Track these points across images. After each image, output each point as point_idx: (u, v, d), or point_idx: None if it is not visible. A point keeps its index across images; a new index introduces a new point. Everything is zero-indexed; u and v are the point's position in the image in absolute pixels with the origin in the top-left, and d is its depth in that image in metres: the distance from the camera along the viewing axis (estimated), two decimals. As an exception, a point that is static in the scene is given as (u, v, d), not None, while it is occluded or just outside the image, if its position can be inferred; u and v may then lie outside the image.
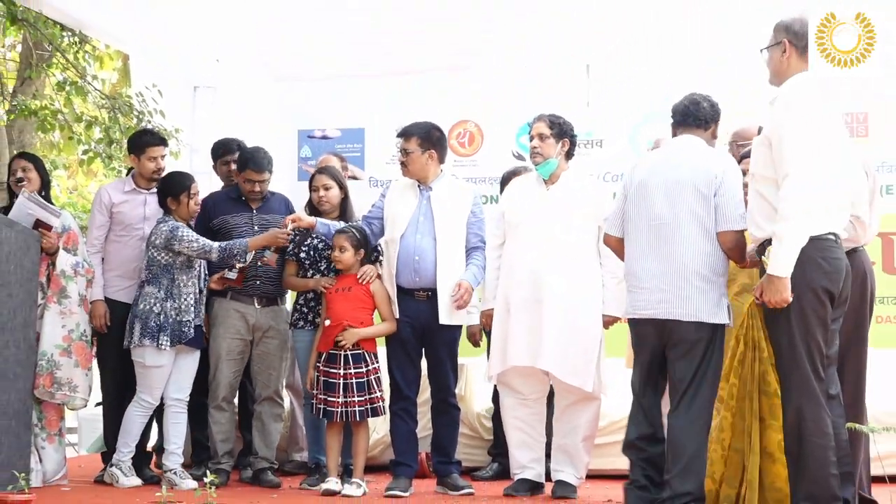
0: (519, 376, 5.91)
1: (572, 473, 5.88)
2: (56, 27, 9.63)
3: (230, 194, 6.57)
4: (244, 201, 6.50)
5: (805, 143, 4.07)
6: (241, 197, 6.51)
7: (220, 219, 6.43)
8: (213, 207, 6.50)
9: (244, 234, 6.34)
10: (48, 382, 5.98)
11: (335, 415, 5.83)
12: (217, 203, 6.53)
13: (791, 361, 4.11)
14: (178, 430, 6.25)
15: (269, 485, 6.21)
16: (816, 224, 4.08)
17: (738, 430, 4.78)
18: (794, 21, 4.31)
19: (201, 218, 6.44)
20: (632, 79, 8.09)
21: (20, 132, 11.97)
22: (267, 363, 6.45)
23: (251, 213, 6.48)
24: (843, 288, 4.18)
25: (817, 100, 4.19)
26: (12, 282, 5.64)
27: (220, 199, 6.59)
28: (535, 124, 6.01)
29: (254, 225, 6.44)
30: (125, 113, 9.70)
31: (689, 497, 4.56)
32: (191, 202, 6.26)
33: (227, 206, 6.49)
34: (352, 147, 8.38)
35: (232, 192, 6.59)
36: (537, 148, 5.95)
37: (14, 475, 4.90)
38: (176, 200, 6.24)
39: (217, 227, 6.42)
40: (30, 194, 6.09)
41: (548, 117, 6.00)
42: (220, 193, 6.67)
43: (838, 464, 4.10)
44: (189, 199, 6.25)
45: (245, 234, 6.34)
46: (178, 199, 6.24)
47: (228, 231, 6.39)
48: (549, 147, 5.95)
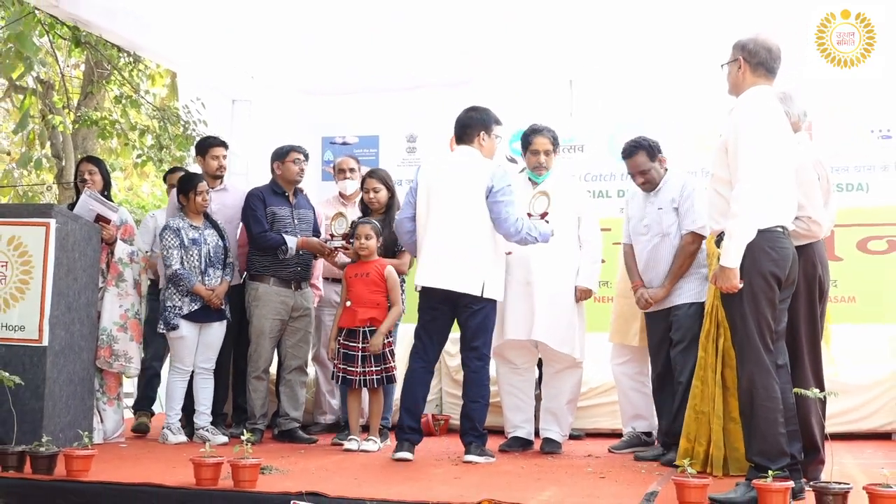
0: (512, 349, 5.93)
1: (558, 432, 5.90)
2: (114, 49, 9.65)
3: (274, 189, 6.50)
4: (285, 196, 6.49)
5: (755, 150, 4.07)
6: (283, 192, 6.48)
7: (270, 210, 6.40)
8: (265, 199, 6.43)
9: (287, 225, 6.35)
10: (108, 354, 6.01)
11: (354, 382, 5.85)
12: (266, 195, 6.45)
13: (744, 336, 4.12)
14: (206, 394, 6.29)
15: (303, 441, 6.23)
16: (765, 219, 4.09)
17: (705, 396, 4.81)
18: (749, 41, 4.30)
19: (260, 205, 6.37)
20: (609, 92, 8.10)
21: (84, 139, 12.01)
22: (298, 338, 6.47)
23: (290, 206, 6.48)
24: (790, 273, 4.18)
25: (770, 111, 4.19)
26: (77, 268, 5.66)
27: (266, 192, 6.49)
28: (539, 140, 5.92)
29: (294, 218, 6.45)
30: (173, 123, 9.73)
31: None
32: (198, 198, 6.22)
33: (273, 200, 6.44)
34: (368, 151, 8.39)
35: (275, 186, 6.52)
36: (544, 163, 5.92)
37: (79, 433, 4.94)
38: (185, 197, 6.24)
39: (266, 215, 6.37)
40: (91, 192, 6.11)
41: (549, 134, 5.94)
42: (265, 188, 6.54)
43: (785, 424, 4.11)
44: (196, 196, 6.21)
45: (288, 226, 6.35)
46: (188, 195, 6.23)
47: (275, 221, 6.36)
48: (551, 160, 5.96)
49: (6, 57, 9.97)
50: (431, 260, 5.41)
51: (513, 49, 7.53)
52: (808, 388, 4.16)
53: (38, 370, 5.30)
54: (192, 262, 6.13)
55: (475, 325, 5.41)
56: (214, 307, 6.17)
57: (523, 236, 5.42)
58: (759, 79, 4.28)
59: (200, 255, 6.16)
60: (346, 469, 5.00)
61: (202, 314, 6.15)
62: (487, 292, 5.36)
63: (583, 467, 5.18)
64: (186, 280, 6.06)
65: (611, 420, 6.62)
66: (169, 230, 6.14)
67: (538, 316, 5.76)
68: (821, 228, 4.46)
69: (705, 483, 3.91)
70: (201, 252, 6.17)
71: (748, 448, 4.19)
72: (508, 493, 4.19)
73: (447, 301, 5.42)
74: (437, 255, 5.39)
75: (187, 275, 6.08)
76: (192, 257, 6.13)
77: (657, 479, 4.66)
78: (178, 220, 6.20)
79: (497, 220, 5.36)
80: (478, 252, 5.37)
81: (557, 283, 5.82)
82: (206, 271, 6.17)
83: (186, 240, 6.13)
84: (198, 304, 6.11)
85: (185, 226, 6.17)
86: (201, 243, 6.18)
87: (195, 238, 6.17)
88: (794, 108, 4.64)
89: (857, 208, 7.17)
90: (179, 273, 6.07)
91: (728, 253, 4.07)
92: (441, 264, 5.37)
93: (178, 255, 6.09)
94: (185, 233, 6.15)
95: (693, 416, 4.87)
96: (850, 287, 7.08)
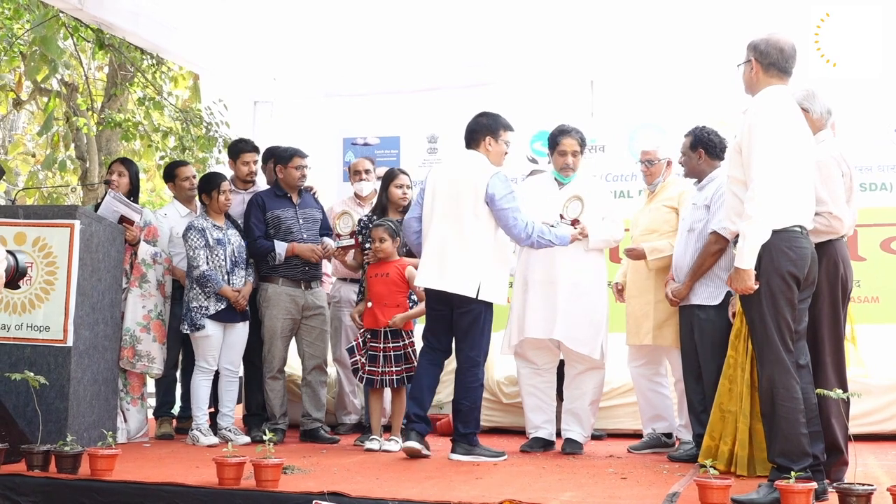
0: (533, 348, 5.92)
1: (580, 433, 5.88)
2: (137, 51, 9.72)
3: (276, 192, 6.52)
4: (288, 197, 6.50)
5: (769, 151, 4.05)
6: (285, 194, 6.49)
7: (271, 213, 6.43)
8: (264, 203, 6.45)
9: (291, 227, 6.37)
10: (131, 354, 6.05)
11: (376, 382, 5.87)
12: (266, 200, 6.49)
13: (763, 336, 4.10)
14: (231, 395, 6.30)
15: (326, 441, 6.24)
16: (782, 219, 4.07)
17: (732, 395, 4.78)
18: (761, 41, 4.29)
19: (258, 212, 6.43)
20: (630, 93, 8.08)
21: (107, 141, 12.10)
22: (314, 337, 6.47)
23: (294, 207, 6.49)
24: (809, 272, 4.15)
25: (783, 111, 4.16)
26: (101, 268, 5.70)
27: (267, 196, 6.51)
28: (567, 140, 5.90)
29: (298, 218, 6.46)
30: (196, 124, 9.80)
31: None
32: (221, 197, 6.23)
33: (275, 203, 6.48)
34: (389, 153, 8.39)
35: (278, 189, 6.53)
36: (571, 164, 5.92)
37: (103, 433, 4.97)
38: (208, 196, 6.25)
39: (268, 219, 6.41)
40: (115, 193, 6.15)
41: (577, 135, 5.93)
42: (268, 192, 6.58)
43: (807, 424, 4.08)
44: (220, 195, 6.23)
45: (292, 227, 6.37)
46: (210, 195, 6.24)
47: (279, 224, 6.39)
48: (578, 161, 5.96)
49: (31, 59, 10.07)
50: (430, 261, 5.47)
51: (534, 50, 7.53)
52: (831, 388, 4.13)
53: (62, 370, 5.34)
54: (218, 262, 6.14)
55: (464, 326, 5.46)
56: (240, 309, 6.20)
57: (535, 240, 5.46)
58: (773, 79, 4.26)
59: (225, 255, 6.18)
60: (367, 469, 5.01)
61: (227, 314, 6.17)
62: (483, 294, 5.38)
63: (604, 468, 5.16)
64: (214, 282, 6.08)
65: (633, 421, 6.58)
66: (194, 230, 6.15)
67: (560, 315, 5.76)
68: (842, 224, 4.42)
69: (728, 484, 3.89)
70: (226, 252, 6.18)
71: (770, 449, 4.17)
72: (529, 493, 4.19)
73: (444, 301, 5.48)
74: (436, 256, 5.45)
75: (215, 276, 6.09)
76: (217, 257, 6.14)
77: (679, 480, 4.64)
78: (202, 220, 6.21)
79: (505, 228, 5.43)
80: (473, 254, 5.40)
81: (581, 284, 5.82)
82: (233, 271, 6.19)
83: (211, 240, 6.14)
84: (223, 304, 6.13)
85: (209, 226, 6.19)
86: (226, 243, 6.20)
87: (220, 238, 6.18)
88: (817, 105, 4.60)
89: (881, 208, 7.11)
90: (207, 274, 6.07)
91: (742, 254, 4.05)
92: (438, 265, 5.43)
93: (205, 256, 6.11)
94: (210, 233, 6.16)
95: (719, 415, 4.83)
96: (873, 287, 7.02)
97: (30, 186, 13.34)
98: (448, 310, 5.51)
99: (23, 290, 5.39)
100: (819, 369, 4.36)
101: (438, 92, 8.26)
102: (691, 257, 5.46)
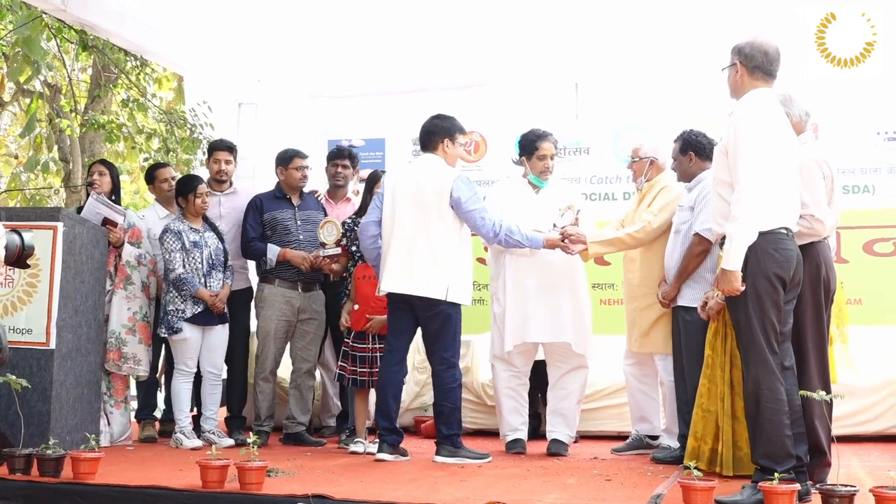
0: (519, 352, 5.93)
1: (566, 433, 5.90)
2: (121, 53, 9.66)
3: (276, 194, 6.53)
4: (288, 199, 6.49)
5: (755, 153, 4.07)
6: (285, 196, 6.49)
7: (270, 215, 6.42)
8: (262, 205, 6.46)
9: (289, 228, 6.36)
10: (116, 357, 6.03)
11: (364, 383, 5.86)
12: (265, 201, 6.50)
13: (749, 338, 4.12)
14: (214, 398, 6.31)
15: (310, 444, 6.23)
16: (768, 220, 4.09)
17: (712, 395, 4.80)
18: (746, 45, 4.31)
19: (255, 214, 6.42)
20: (615, 95, 8.10)
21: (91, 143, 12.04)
22: (307, 341, 6.46)
23: (293, 209, 6.48)
24: (794, 274, 4.18)
25: (768, 113, 4.18)
26: (84, 271, 5.67)
27: (266, 198, 6.52)
28: (546, 145, 5.96)
29: (297, 220, 6.45)
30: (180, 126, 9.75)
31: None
32: (197, 200, 6.21)
33: (274, 205, 6.48)
34: (374, 155, 8.38)
35: (277, 191, 6.55)
36: (550, 168, 5.99)
37: (86, 436, 4.95)
38: (185, 199, 6.23)
39: (266, 221, 6.41)
40: (98, 195, 6.12)
41: (553, 138, 6.01)
42: (268, 194, 6.59)
43: (791, 426, 4.10)
44: (196, 198, 6.21)
45: (290, 228, 6.37)
46: (187, 197, 6.22)
47: (276, 225, 6.38)
48: (554, 164, 6.02)
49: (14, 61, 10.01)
50: (397, 265, 5.46)
51: (519, 52, 7.54)
52: (814, 390, 4.15)
53: (45, 373, 5.31)
54: (195, 265, 6.12)
55: (434, 329, 5.47)
56: (217, 312, 6.17)
57: (502, 238, 5.52)
58: (758, 82, 4.29)
59: (202, 257, 6.16)
60: (352, 472, 5.01)
61: (204, 317, 6.14)
62: (452, 296, 5.41)
63: (589, 469, 5.17)
64: (190, 284, 6.06)
65: (617, 423, 6.60)
66: (170, 233, 6.13)
67: (564, 317, 5.81)
68: (824, 227, 4.45)
69: (711, 486, 3.90)
70: (203, 255, 6.16)
71: (754, 450, 4.19)
72: (514, 495, 4.20)
73: (407, 304, 5.48)
74: (403, 260, 5.45)
75: (191, 279, 6.07)
76: (194, 260, 6.12)
77: (663, 482, 4.65)
78: (179, 223, 6.19)
79: (474, 229, 5.53)
80: (441, 257, 5.42)
81: (578, 286, 5.91)
82: (210, 273, 6.17)
83: (188, 242, 6.12)
84: (200, 306, 6.11)
85: (185, 228, 6.17)
86: (202, 246, 6.18)
87: (196, 241, 6.16)
88: (795, 109, 4.64)
89: (864, 210, 7.14)
90: (183, 277, 6.06)
91: (729, 256, 4.08)
92: (406, 270, 5.43)
93: (181, 259, 6.09)
94: (187, 235, 6.14)
95: (700, 415, 4.86)
96: (856, 289, 7.04)
97: (12, 188, 13.27)
98: (410, 312, 5.52)
99: (4, 292, 5.37)
100: (803, 371, 4.38)
101: (424, 94, 8.24)
102: (678, 259, 5.49)
